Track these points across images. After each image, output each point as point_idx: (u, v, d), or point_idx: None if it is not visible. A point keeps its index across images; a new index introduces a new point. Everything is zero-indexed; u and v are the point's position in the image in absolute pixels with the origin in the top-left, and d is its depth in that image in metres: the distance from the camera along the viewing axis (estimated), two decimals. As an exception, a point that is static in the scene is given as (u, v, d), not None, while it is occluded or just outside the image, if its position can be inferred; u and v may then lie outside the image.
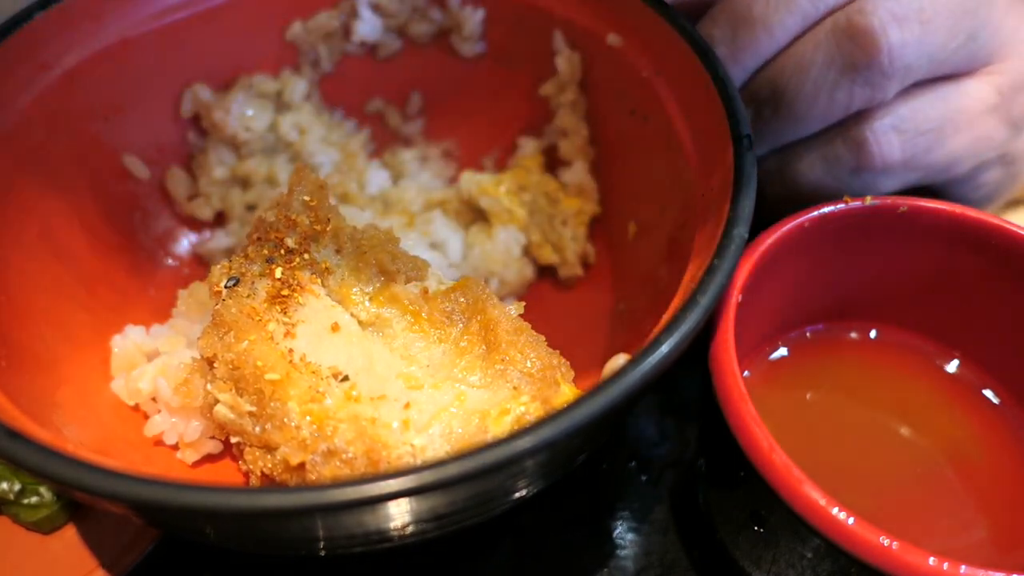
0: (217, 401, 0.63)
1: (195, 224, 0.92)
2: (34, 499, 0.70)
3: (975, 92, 0.78)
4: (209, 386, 0.65)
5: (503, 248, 0.88)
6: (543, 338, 0.68)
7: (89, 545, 0.71)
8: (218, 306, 0.66)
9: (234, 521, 0.52)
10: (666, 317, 0.58)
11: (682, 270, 0.66)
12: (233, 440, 0.65)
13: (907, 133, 0.77)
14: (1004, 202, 0.92)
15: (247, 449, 0.63)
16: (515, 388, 0.64)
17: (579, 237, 0.89)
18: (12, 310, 0.71)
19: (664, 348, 0.54)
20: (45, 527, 0.71)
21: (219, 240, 0.91)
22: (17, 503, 0.70)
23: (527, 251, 0.90)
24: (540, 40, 0.90)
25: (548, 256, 0.89)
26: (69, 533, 0.71)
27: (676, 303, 0.59)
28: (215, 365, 0.64)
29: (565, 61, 0.88)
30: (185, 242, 0.91)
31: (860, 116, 0.78)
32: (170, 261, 0.89)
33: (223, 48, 0.89)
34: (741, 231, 0.60)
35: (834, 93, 0.75)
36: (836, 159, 0.79)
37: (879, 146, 0.77)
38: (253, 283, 0.67)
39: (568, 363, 0.68)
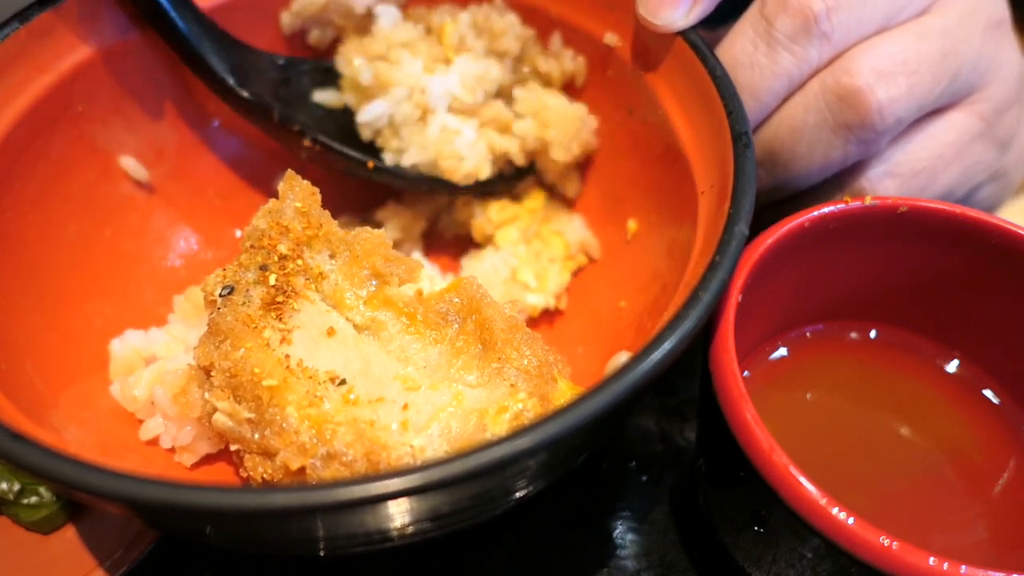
0: (215, 409, 0.63)
1: (194, 226, 0.92)
2: (34, 499, 0.70)
3: (960, 124, 0.79)
4: (207, 394, 0.65)
5: (490, 268, 0.89)
6: (539, 335, 0.68)
7: (89, 545, 0.71)
8: (213, 315, 0.66)
9: (237, 521, 0.52)
10: (668, 314, 0.58)
11: (683, 268, 0.66)
12: (233, 447, 0.65)
13: (901, 176, 0.78)
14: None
15: (247, 456, 0.63)
16: (512, 386, 0.64)
17: (563, 278, 0.90)
18: (12, 312, 0.71)
19: (667, 345, 0.54)
20: (45, 527, 0.71)
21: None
22: (17, 503, 0.70)
23: (515, 275, 0.90)
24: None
25: (525, 279, 0.89)
26: (69, 533, 0.71)
27: (677, 300, 0.59)
28: (212, 373, 0.64)
29: (568, 61, 0.88)
30: (183, 244, 0.91)
31: (854, 166, 0.79)
32: (168, 263, 0.89)
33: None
34: (742, 228, 0.60)
35: (828, 152, 0.76)
36: None
37: (876, 193, 0.78)
38: (248, 291, 0.67)
39: (565, 359, 0.68)
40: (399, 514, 0.53)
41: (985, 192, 0.86)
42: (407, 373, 0.66)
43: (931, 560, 0.49)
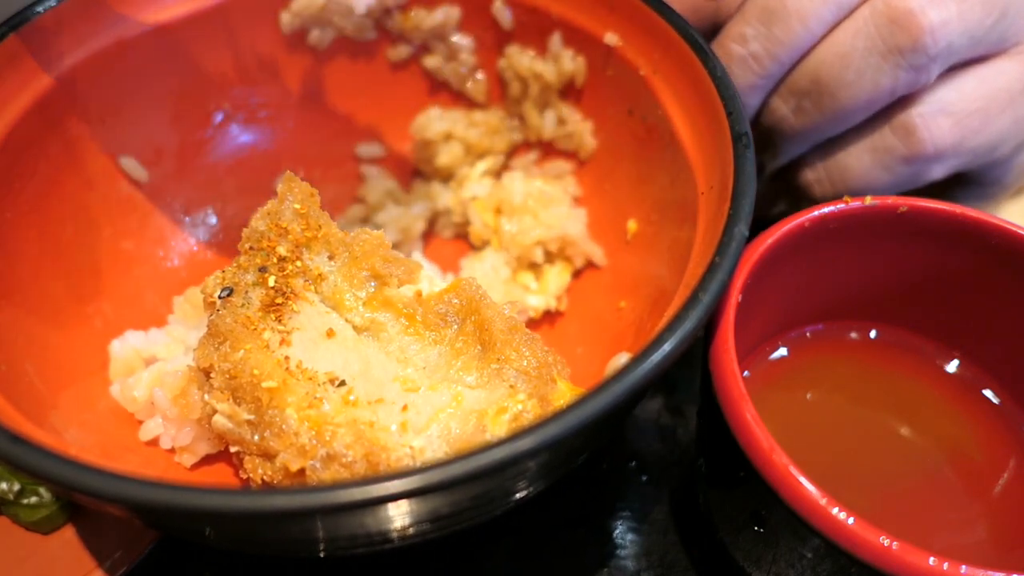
0: (215, 411, 0.63)
1: (193, 227, 0.92)
2: (33, 499, 0.70)
3: (1011, 71, 0.79)
4: (207, 396, 0.65)
5: (490, 269, 0.89)
6: (538, 336, 0.68)
7: (88, 545, 0.71)
8: (213, 317, 0.67)
9: (236, 523, 0.52)
10: (668, 315, 0.58)
11: (682, 268, 0.66)
12: (232, 449, 0.65)
13: (955, 115, 0.77)
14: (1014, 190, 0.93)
15: (247, 458, 0.63)
16: (512, 387, 0.64)
17: (563, 279, 0.90)
18: (12, 312, 0.71)
19: (667, 346, 0.54)
20: (44, 527, 0.71)
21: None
22: (16, 503, 0.70)
23: (515, 277, 0.90)
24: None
25: (524, 280, 0.89)
26: (68, 533, 0.71)
27: (677, 301, 0.59)
28: (212, 375, 0.64)
29: (568, 61, 0.88)
30: (183, 245, 0.91)
31: (905, 103, 0.78)
32: (168, 264, 0.89)
33: (220, 48, 0.89)
34: (741, 229, 0.60)
35: (878, 79, 0.75)
36: (885, 149, 0.79)
37: (930, 131, 0.77)
38: (247, 292, 0.67)
39: (564, 360, 0.68)
40: (399, 516, 0.53)
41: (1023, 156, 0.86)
42: (406, 374, 0.66)
43: (931, 560, 0.49)
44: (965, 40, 0.74)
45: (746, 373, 0.72)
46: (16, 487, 0.70)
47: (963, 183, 0.86)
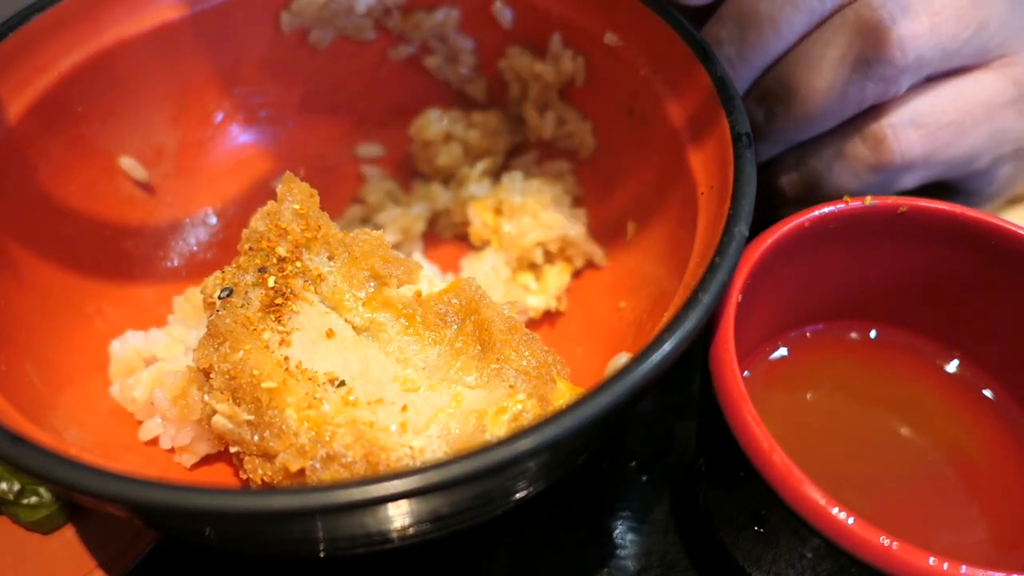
0: (215, 411, 0.63)
1: (193, 227, 0.92)
2: (33, 499, 0.70)
3: (992, 85, 0.78)
4: (207, 396, 0.65)
5: (490, 269, 0.89)
6: (538, 336, 0.68)
7: (88, 545, 0.71)
8: (212, 317, 0.67)
9: (236, 523, 0.52)
10: (668, 315, 0.58)
11: (682, 268, 0.66)
12: (232, 449, 0.65)
13: (927, 128, 0.77)
14: (1007, 198, 0.92)
15: (247, 458, 0.63)
16: (511, 387, 0.64)
17: (563, 279, 0.90)
18: (11, 314, 0.71)
19: (667, 346, 0.54)
20: (44, 527, 0.71)
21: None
22: (17, 503, 0.70)
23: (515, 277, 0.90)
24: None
25: (524, 281, 0.89)
26: (68, 533, 0.71)
27: (677, 301, 0.59)
28: (211, 375, 0.64)
29: (567, 61, 0.88)
30: (183, 245, 0.91)
31: (877, 112, 0.78)
32: (168, 264, 0.89)
33: (219, 49, 0.89)
34: (742, 229, 0.60)
35: (846, 89, 0.75)
36: (855, 157, 0.79)
37: (899, 142, 0.77)
38: (246, 293, 0.67)
39: (564, 360, 0.68)
40: (399, 516, 0.53)
41: (1006, 169, 0.85)
42: (406, 374, 0.66)
43: (931, 560, 0.49)
44: (938, 53, 0.74)
45: (746, 373, 0.72)
46: (16, 487, 0.70)
47: (945, 192, 0.86)
